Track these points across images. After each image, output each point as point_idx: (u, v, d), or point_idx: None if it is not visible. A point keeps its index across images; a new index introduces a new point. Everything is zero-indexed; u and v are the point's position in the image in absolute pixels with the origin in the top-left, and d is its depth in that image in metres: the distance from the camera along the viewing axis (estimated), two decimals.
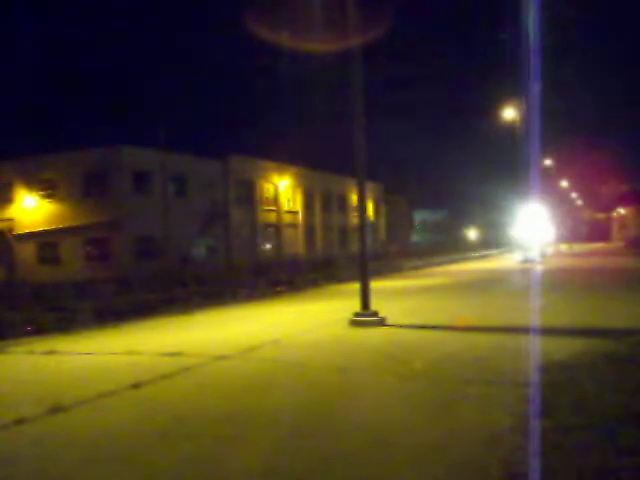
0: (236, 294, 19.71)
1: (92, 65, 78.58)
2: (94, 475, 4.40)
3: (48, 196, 36.32)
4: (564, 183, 67.37)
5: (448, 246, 59.61)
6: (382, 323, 11.06)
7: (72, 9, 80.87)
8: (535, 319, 10.82)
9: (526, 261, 33.44)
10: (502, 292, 16.53)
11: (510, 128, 34.70)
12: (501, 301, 14.20)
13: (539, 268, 28.32)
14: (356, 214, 39.87)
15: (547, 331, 9.41)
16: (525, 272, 25.61)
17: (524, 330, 9.43)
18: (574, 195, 79.23)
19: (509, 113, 35.92)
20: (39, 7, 72.92)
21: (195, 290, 21.62)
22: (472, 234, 77.80)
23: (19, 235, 35.47)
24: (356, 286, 12.25)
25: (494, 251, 52.17)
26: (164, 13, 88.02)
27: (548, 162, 50.97)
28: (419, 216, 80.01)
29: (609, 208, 79.36)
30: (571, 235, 73.77)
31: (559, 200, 54.55)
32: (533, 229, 43.82)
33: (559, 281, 20.69)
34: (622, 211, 75.68)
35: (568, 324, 10.14)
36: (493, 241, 61.50)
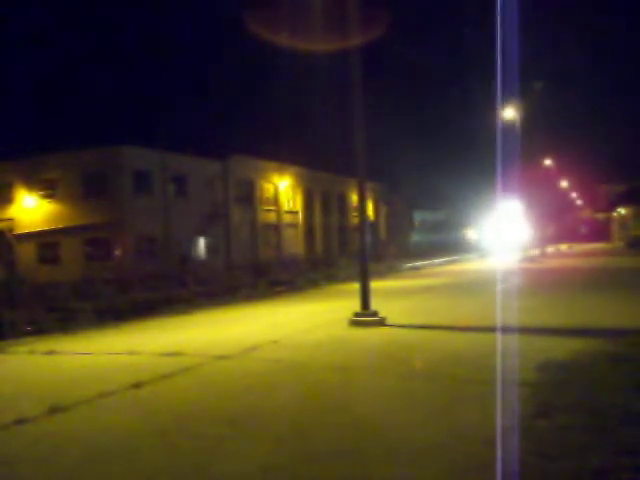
0: (236, 294, 19.71)
1: (92, 64, 78.44)
2: (94, 475, 4.41)
3: (48, 196, 36.28)
4: (563, 183, 67.39)
5: (447, 246, 59.62)
6: (382, 323, 11.06)
7: (70, 7, 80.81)
8: (534, 319, 10.84)
9: (525, 261, 33.52)
10: (501, 292, 16.53)
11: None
12: (500, 301, 14.18)
13: (538, 268, 28.33)
14: (356, 214, 39.88)
15: (546, 331, 9.43)
16: (524, 272, 25.60)
17: (523, 330, 9.43)
18: (574, 195, 79.23)
19: (504, 113, 35.94)
20: (34, 4, 72.83)
21: (195, 290, 21.62)
22: (471, 234, 77.80)
23: (19, 235, 35.43)
24: (356, 286, 12.25)
25: (492, 251, 52.08)
26: (164, 12, 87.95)
27: (548, 162, 50.97)
28: (419, 216, 79.95)
29: (609, 208, 79.25)
30: (570, 235, 73.82)
31: (552, 198, 54.35)
32: (505, 230, 43.75)
33: (558, 281, 20.70)
34: (622, 211, 75.58)
35: (567, 324, 10.15)
36: (490, 242, 61.59)
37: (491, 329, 9.46)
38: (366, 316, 11.23)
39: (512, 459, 4.09)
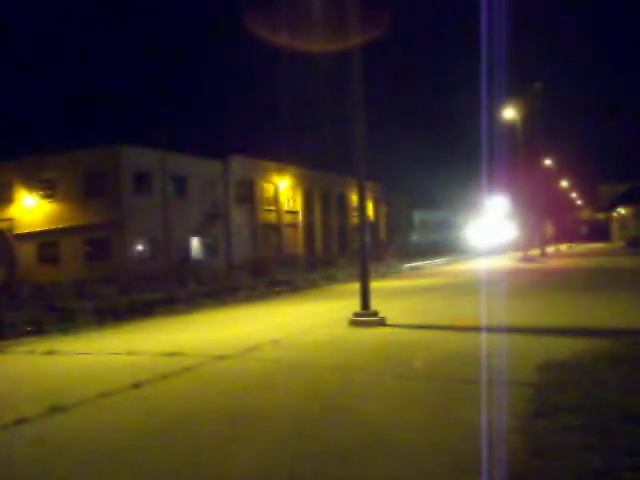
0: (236, 294, 19.71)
1: (92, 64, 78.54)
2: (94, 475, 4.41)
3: (48, 196, 36.27)
4: (563, 183, 67.41)
5: (447, 246, 59.59)
6: (382, 323, 11.05)
7: (71, 6, 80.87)
8: (534, 319, 10.85)
9: (524, 261, 33.56)
10: (501, 292, 16.52)
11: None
12: (500, 301, 14.20)
13: (537, 268, 28.33)
14: (356, 214, 39.87)
15: (546, 331, 9.43)
16: (523, 272, 25.60)
17: (523, 330, 9.44)
18: (574, 195, 79.27)
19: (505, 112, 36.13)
20: (35, 5, 72.95)
21: (195, 290, 21.63)
22: (471, 234, 77.76)
23: (19, 235, 35.43)
24: (356, 286, 12.25)
25: (492, 251, 52.08)
26: (164, 13, 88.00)
27: (547, 162, 51.02)
28: (419, 216, 79.97)
29: (609, 208, 79.29)
30: (570, 235, 73.82)
31: (551, 198, 54.28)
32: (501, 230, 43.59)
33: (557, 281, 20.69)
34: (622, 211, 75.60)
35: (567, 324, 10.15)
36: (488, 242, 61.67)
37: (491, 329, 9.46)
38: (366, 316, 11.23)
39: (512, 459, 4.09)
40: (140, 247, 35.24)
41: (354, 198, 50.76)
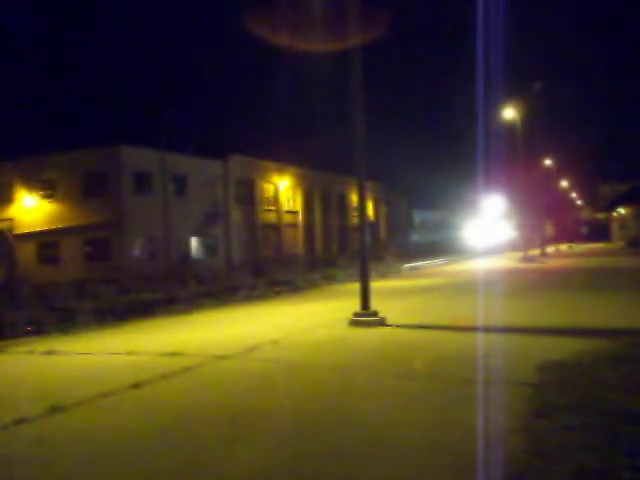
0: (236, 294, 19.71)
1: (92, 64, 78.55)
2: (94, 475, 4.41)
3: (48, 196, 36.28)
4: (563, 183, 67.42)
5: (447, 246, 59.58)
6: (382, 323, 11.05)
7: (72, 6, 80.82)
8: (533, 319, 10.85)
9: (524, 261, 33.60)
10: (501, 292, 16.53)
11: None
12: (500, 301, 14.21)
13: (537, 268, 28.33)
14: (356, 214, 39.87)
15: (546, 331, 9.43)
16: (523, 272, 25.60)
17: (523, 330, 9.44)
18: (574, 195, 79.26)
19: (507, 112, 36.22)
20: (34, 5, 72.96)
21: (195, 290, 21.65)
22: (471, 234, 77.69)
23: (19, 235, 35.43)
24: (356, 286, 12.25)
25: (491, 251, 52.04)
26: (163, 13, 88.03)
27: (547, 162, 51.04)
28: (419, 216, 80.00)
29: (609, 208, 79.23)
30: (571, 235, 73.83)
31: (551, 198, 54.21)
32: (500, 230, 43.60)
33: (557, 281, 20.69)
34: (622, 211, 75.57)
35: (566, 324, 10.15)
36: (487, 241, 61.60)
37: (491, 329, 9.46)
38: (366, 316, 11.22)
39: (512, 459, 4.09)
40: (140, 247, 35.23)
41: (354, 198, 50.77)
